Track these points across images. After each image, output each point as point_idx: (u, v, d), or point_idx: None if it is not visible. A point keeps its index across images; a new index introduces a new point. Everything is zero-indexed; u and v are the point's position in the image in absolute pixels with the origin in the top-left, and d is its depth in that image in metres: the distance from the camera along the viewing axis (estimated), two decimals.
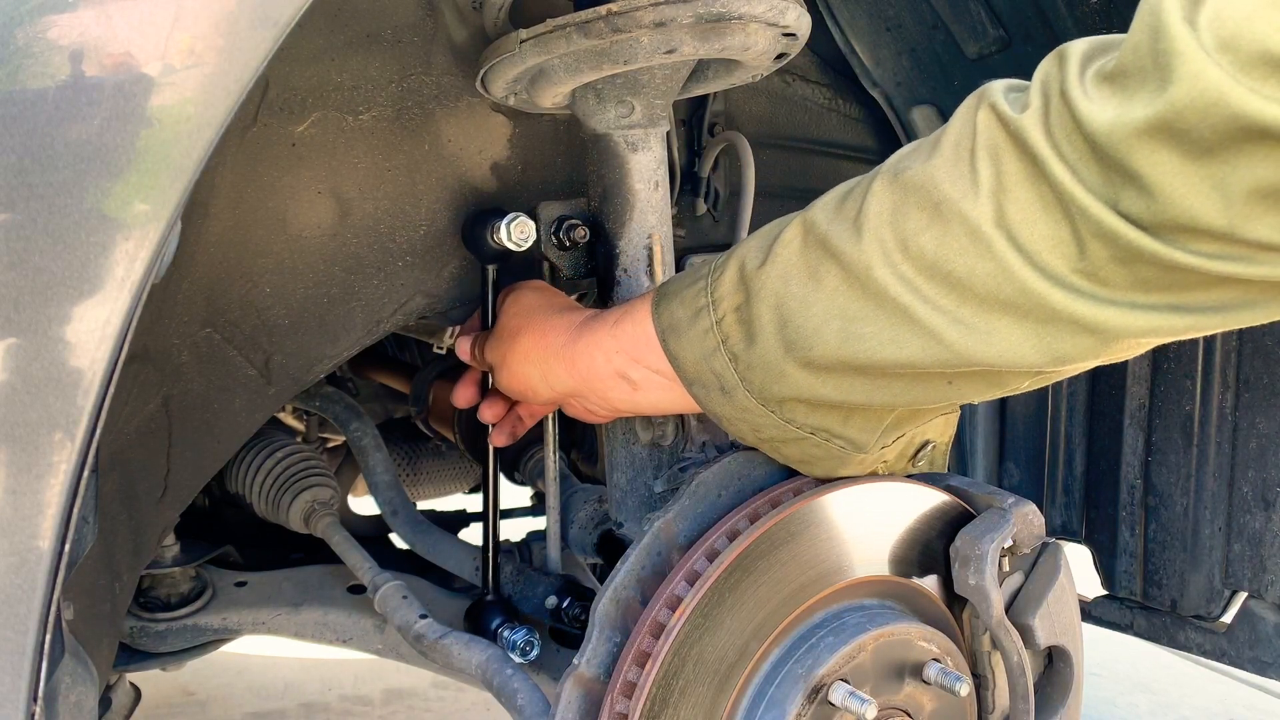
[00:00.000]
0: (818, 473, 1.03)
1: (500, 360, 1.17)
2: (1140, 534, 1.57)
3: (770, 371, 0.92)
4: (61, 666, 0.88)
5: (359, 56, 1.21)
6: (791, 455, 1.01)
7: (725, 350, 0.94)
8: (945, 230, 0.82)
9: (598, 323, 1.06)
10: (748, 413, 0.96)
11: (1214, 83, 0.68)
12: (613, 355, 1.03)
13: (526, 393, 1.15)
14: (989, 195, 0.80)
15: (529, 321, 1.15)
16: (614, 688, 0.96)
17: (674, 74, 1.12)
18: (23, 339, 0.72)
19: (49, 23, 0.71)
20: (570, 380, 1.08)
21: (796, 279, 0.90)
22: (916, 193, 0.84)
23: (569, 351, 1.08)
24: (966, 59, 1.45)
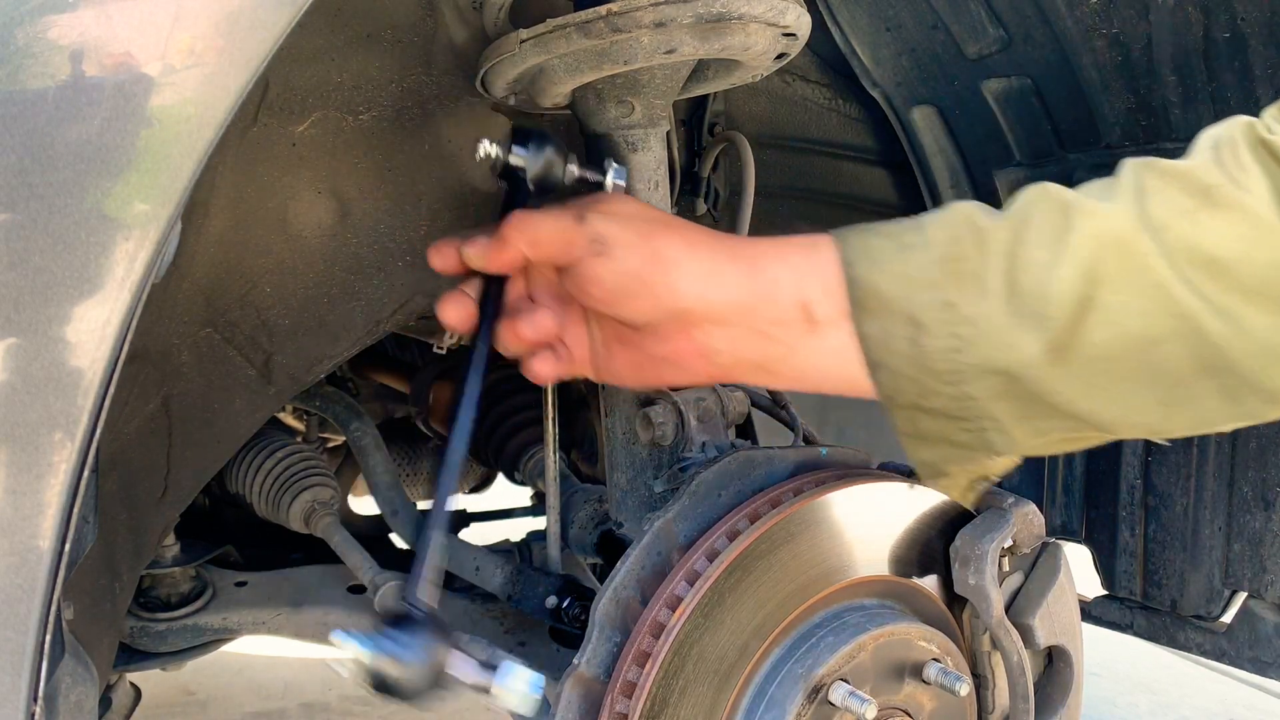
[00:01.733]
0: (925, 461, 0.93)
1: (627, 239, 0.90)
2: (1140, 534, 1.57)
3: (994, 334, 0.83)
4: (61, 666, 0.88)
5: (359, 56, 1.21)
6: (925, 430, 0.90)
7: (938, 293, 0.84)
8: (1215, 214, 0.79)
9: (783, 241, 0.91)
10: (925, 371, 0.86)
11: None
12: (806, 277, 0.88)
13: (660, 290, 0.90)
14: (1267, 189, 0.78)
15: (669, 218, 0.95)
16: (614, 688, 0.96)
17: (674, 74, 1.12)
18: (23, 339, 0.72)
19: (49, 23, 0.71)
20: (740, 291, 0.89)
21: (1038, 238, 0.83)
22: (1181, 178, 0.81)
23: (751, 254, 0.90)
24: (966, 59, 1.45)
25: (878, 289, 0.86)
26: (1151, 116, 1.36)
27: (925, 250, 0.86)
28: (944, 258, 0.85)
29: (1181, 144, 1.34)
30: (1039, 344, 0.83)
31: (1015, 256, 0.84)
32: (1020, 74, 1.44)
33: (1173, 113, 1.33)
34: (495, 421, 1.73)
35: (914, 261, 0.86)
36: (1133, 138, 1.39)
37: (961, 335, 0.84)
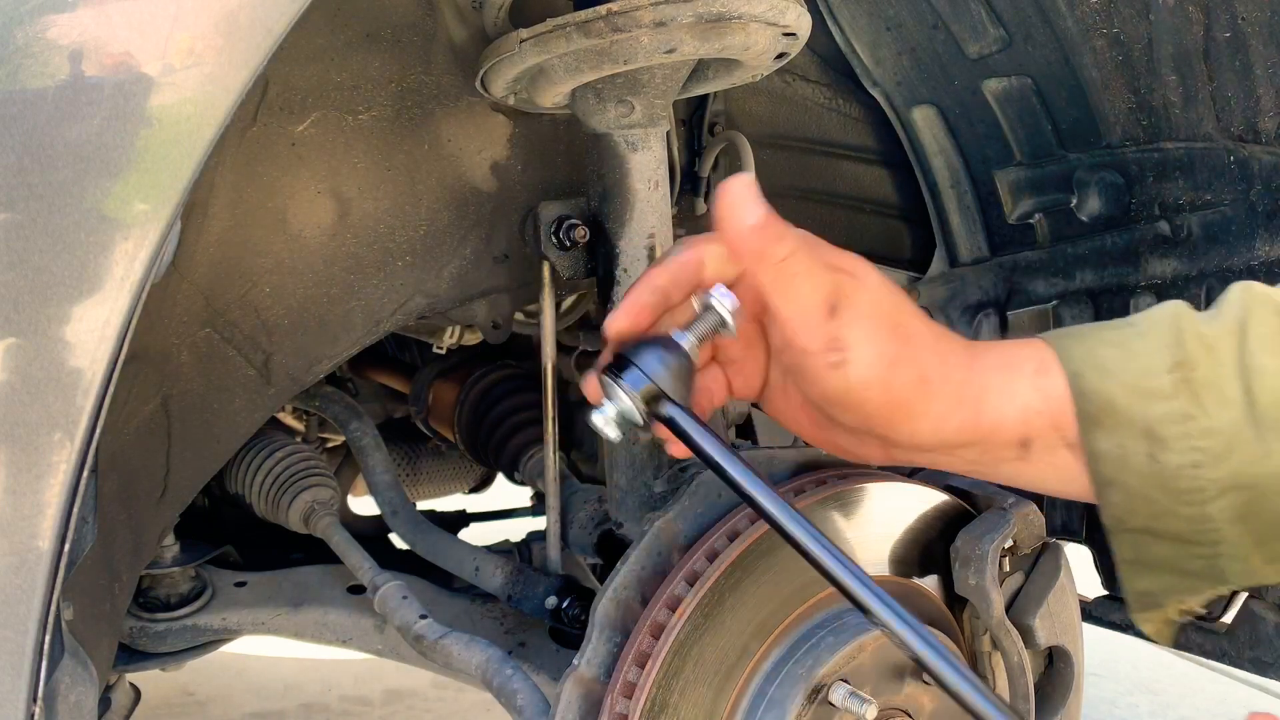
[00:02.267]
0: (1143, 591, 0.85)
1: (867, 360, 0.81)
2: None
3: (1240, 447, 0.78)
4: (61, 667, 0.88)
5: (359, 56, 1.21)
6: (1153, 556, 0.83)
7: (1174, 404, 0.79)
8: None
9: (1010, 362, 0.84)
10: (1164, 490, 0.80)
11: None
12: (1034, 416, 0.82)
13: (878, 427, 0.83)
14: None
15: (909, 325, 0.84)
16: (614, 688, 0.96)
17: (674, 74, 1.12)
18: (23, 339, 0.72)
19: (49, 23, 0.71)
20: (960, 435, 0.83)
21: (1261, 346, 0.78)
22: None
23: (978, 389, 0.83)
24: (967, 59, 1.45)
25: (1112, 402, 0.80)
26: (1152, 116, 1.36)
27: (1153, 358, 0.80)
28: (1175, 365, 0.80)
29: (1182, 144, 1.34)
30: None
31: (1246, 365, 0.79)
32: (1020, 74, 1.44)
33: (1173, 113, 1.33)
34: (495, 421, 1.73)
35: (1146, 370, 0.80)
36: (1133, 138, 1.39)
37: (1203, 449, 0.79)
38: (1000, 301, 1.62)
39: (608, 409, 0.83)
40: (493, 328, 1.38)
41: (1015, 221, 1.56)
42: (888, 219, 1.66)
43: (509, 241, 1.33)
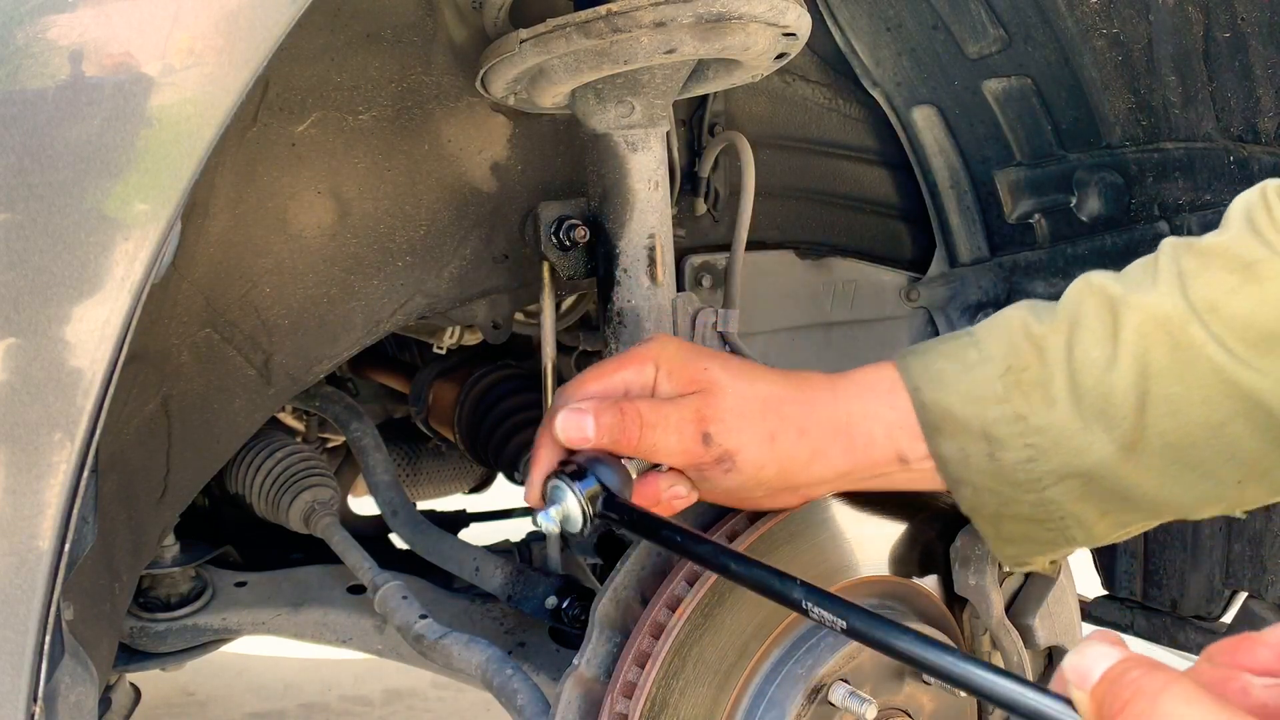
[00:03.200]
0: (1010, 555, 0.95)
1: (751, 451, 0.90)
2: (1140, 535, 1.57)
3: (1066, 441, 0.85)
4: (61, 667, 0.88)
5: (359, 56, 1.21)
6: (1009, 533, 0.92)
7: (1007, 407, 0.86)
8: (1262, 287, 0.80)
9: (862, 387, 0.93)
10: (1006, 483, 0.88)
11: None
12: (896, 430, 0.91)
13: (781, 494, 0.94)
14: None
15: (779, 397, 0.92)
16: (614, 688, 0.96)
17: (674, 74, 1.12)
18: (23, 339, 0.72)
19: (49, 23, 0.71)
20: (845, 463, 0.92)
21: (1092, 338, 0.85)
22: (1220, 256, 0.82)
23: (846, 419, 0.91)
24: (967, 59, 1.45)
25: (949, 411, 0.88)
26: (1152, 116, 1.36)
27: (986, 366, 0.88)
28: (1007, 370, 0.87)
29: (1182, 144, 1.35)
30: (1111, 444, 0.85)
31: (1073, 360, 0.85)
32: (1020, 74, 1.44)
33: (1173, 113, 1.33)
34: (495, 421, 1.73)
35: (978, 378, 0.87)
36: (1133, 138, 1.39)
37: (1035, 445, 0.86)
38: (1000, 302, 1.62)
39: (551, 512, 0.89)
40: (493, 328, 1.38)
41: (1015, 222, 1.56)
42: (888, 219, 1.66)
43: (509, 242, 1.33)
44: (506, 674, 1.15)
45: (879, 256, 1.66)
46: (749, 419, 0.91)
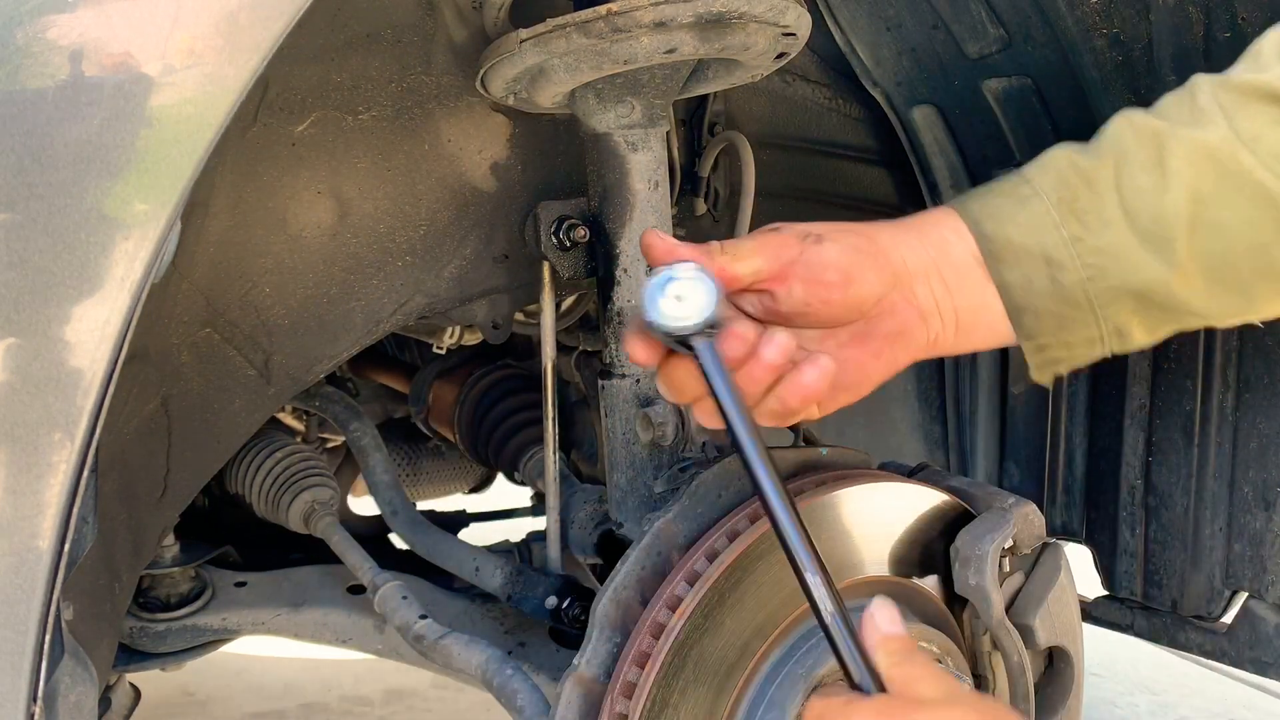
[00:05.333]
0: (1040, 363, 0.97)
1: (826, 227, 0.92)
2: (1141, 534, 1.57)
3: (1124, 258, 0.90)
4: (61, 667, 0.88)
5: (359, 56, 1.21)
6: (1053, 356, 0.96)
7: (1065, 231, 0.91)
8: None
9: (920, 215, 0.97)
10: (1067, 304, 0.93)
11: None
12: (966, 235, 0.94)
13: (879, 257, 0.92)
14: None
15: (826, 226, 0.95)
16: (614, 688, 0.96)
17: (674, 74, 1.12)
18: (23, 339, 0.72)
19: (49, 23, 0.71)
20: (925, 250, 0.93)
21: (1139, 168, 0.90)
22: (1259, 90, 0.87)
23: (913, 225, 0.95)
24: (967, 59, 1.45)
25: (1010, 239, 0.92)
26: None
27: (1039, 199, 0.92)
28: (1059, 201, 0.92)
29: None
30: (1165, 262, 0.90)
31: (1123, 188, 0.90)
32: (1020, 74, 1.44)
33: None
34: (495, 421, 1.73)
35: (1034, 209, 0.92)
36: None
37: (1094, 264, 0.91)
38: None
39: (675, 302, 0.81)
40: (493, 328, 1.38)
41: None
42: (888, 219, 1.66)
43: (509, 241, 1.33)
44: (506, 674, 1.15)
45: None
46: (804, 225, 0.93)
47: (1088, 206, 0.91)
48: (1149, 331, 0.96)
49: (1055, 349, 0.97)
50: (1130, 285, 0.91)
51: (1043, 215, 0.92)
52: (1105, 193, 0.91)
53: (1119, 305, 0.92)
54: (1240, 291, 0.92)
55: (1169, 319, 0.95)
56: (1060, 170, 0.94)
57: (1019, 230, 0.92)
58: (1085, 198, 0.92)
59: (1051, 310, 0.93)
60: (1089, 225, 0.91)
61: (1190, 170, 0.89)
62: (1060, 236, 0.92)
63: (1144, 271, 0.91)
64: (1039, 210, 0.92)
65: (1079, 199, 0.92)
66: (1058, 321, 0.94)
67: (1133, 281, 0.91)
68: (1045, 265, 0.92)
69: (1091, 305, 0.93)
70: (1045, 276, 0.92)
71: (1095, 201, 0.91)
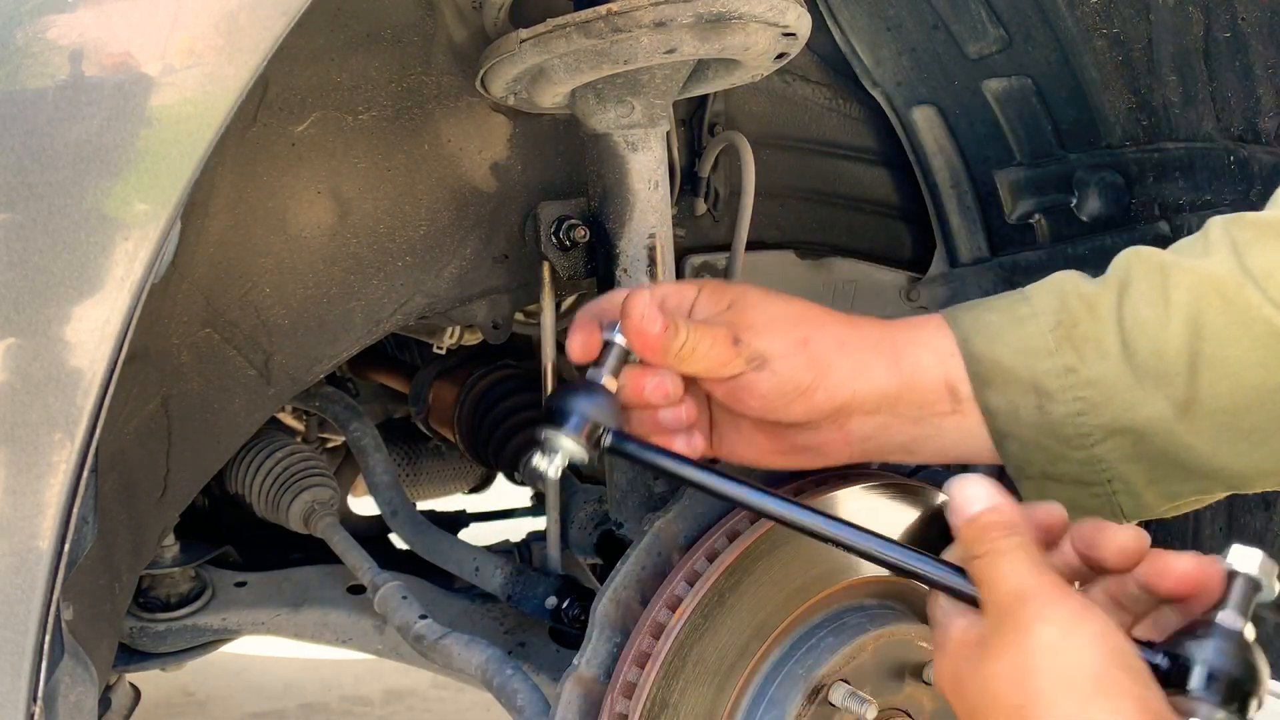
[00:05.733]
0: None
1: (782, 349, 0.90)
2: None
3: (1119, 395, 0.85)
4: (61, 667, 0.88)
5: (359, 56, 1.21)
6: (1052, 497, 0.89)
7: (1058, 360, 0.86)
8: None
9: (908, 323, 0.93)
10: (1054, 438, 0.87)
11: None
12: (947, 358, 0.90)
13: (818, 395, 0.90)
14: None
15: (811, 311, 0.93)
16: (614, 688, 0.96)
17: (674, 74, 1.12)
18: (23, 339, 0.72)
19: (49, 23, 0.71)
20: (889, 380, 0.89)
21: (1142, 299, 0.85)
22: (1272, 227, 0.83)
23: (892, 341, 0.91)
24: (967, 59, 1.45)
25: (999, 362, 0.88)
26: (1152, 116, 1.36)
27: (1036, 320, 0.88)
28: (1057, 324, 0.87)
29: (1182, 144, 1.34)
30: (1165, 401, 0.84)
31: (1124, 318, 0.85)
32: (1021, 74, 1.44)
33: (1173, 113, 1.33)
34: (495, 422, 1.73)
35: (1029, 331, 0.87)
36: (1133, 138, 1.39)
37: (1086, 398, 0.86)
38: None
39: (556, 458, 0.90)
40: (493, 328, 1.38)
41: (1015, 222, 1.56)
42: (888, 219, 1.66)
43: (509, 242, 1.33)
44: (506, 674, 1.15)
45: (879, 256, 1.65)
46: (782, 326, 0.90)
47: (1087, 335, 0.86)
48: (1164, 494, 0.88)
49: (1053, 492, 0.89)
50: (1124, 423, 0.86)
51: (1038, 339, 0.87)
52: (1106, 321, 0.86)
53: (1113, 445, 0.86)
54: (1258, 443, 0.85)
55: (1182, 476, 0.87)
56: (1064, 294, 0.89)
57: (1009, 353, 0.88)
58: (1086, 324, 0.86)
59: (1039, 443, 0.88)
60: (1085, 356, 0.86)
61: (1194, 303, 0.84)
62: (1053, 365, 0.86)
63: (1140, 410, 0.85)
64: (1034, 333, 0.87)
65: (1079, 325, 0.87)
66: (1046, 455, 0.88)
67: (1126, 420, 0.85)
68: (1034, 394, 0.87)
69: (1082, 441, 0.87)
70: (1033, 406, 0.87)
71: (1095, 329, 0.86)
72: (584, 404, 0.88)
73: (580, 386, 0.90)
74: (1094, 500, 0.89)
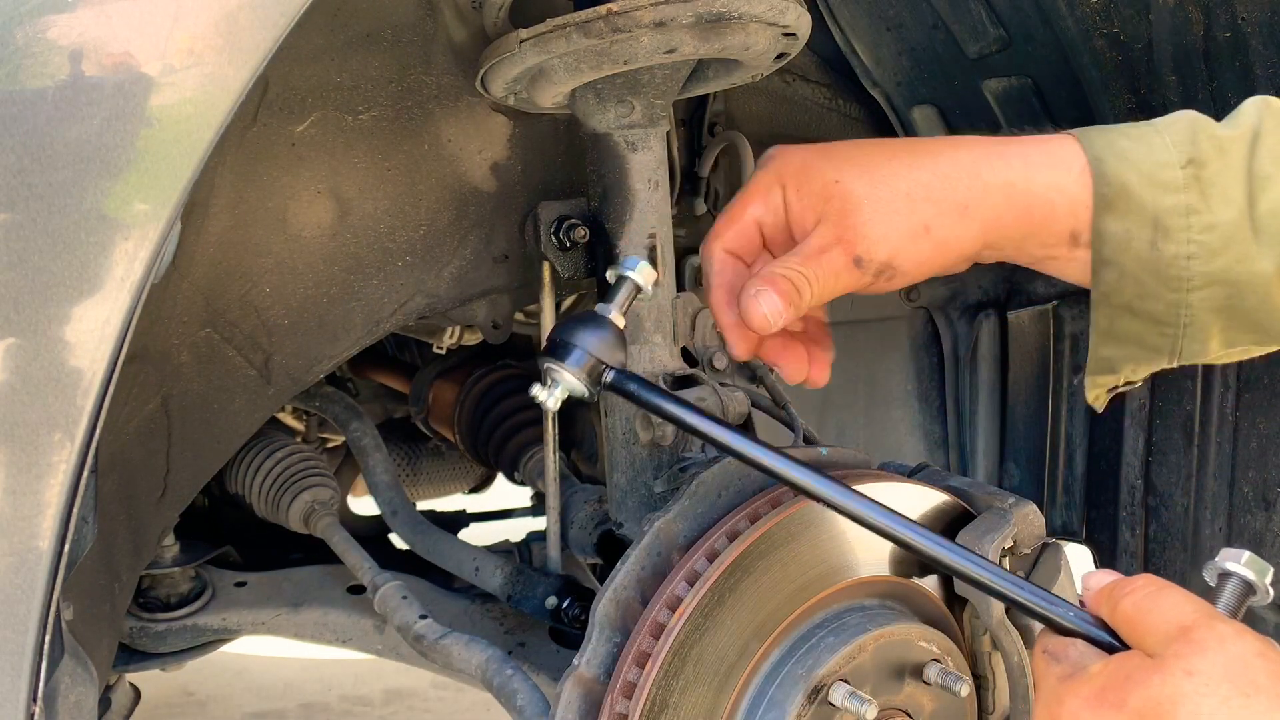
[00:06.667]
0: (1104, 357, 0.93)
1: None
2: (1141, 534, 1.57)
3: (1235, 246, 0.84)
4: (61, 667, 0.88)
5: (359, 56, 1.21)
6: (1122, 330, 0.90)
7: (1183, 197, 0.85)
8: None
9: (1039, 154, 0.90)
10: (1156, 275, 0.86)
11: None
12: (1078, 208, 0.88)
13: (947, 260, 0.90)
14: None
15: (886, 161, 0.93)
16: (614, 688, 0.96)
17: (674, 74, 1.12)
18: (23, 339, 0.72)
19: (49, 23, 0.71)
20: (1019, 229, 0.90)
21: (1268, 152, 0.84)
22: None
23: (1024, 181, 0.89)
24: (967, 59, 1.45)
25: (1127, 187, 0.86)
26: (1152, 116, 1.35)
27: (1169, 152, 0.86)
28: (1189, 161, 0.85)
29: None
30: (1273, 261, 0.84)
31: (1253, 170, 0.84)
32: (1020, 74, 1.44)
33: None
34: (495, 422, 1.73)
35: (1161, 161, 0.86)
36: None
37: (1201, 242, 0.85)
38: (1000, 301, 1.62)
39: (556, 390, 0.89)
40: (493, 328, 1.38)
41: None
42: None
43: (509, 242, 1.33)
44: (506, 674, 1.15)
45: None
46: (895, 220, 0.88)
47: (1214, 178, 0.85)
48: (1227, 342, 0.88)
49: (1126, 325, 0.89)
50: (1230, 275, 0.85)
51: (1169, 172, 0.85)
52: (1236, 168, 0.85)
53: (1208, 294, 0.86)
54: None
55: (1253, 331, 0.87)
56: (1196, 131, 0.87)
57: (1138, 180, 0.85)
58: (1215, 165, 0.85)
59: (1137, 276, 0.87)
60: (1210, 200, 0.84)
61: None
62: (1177, 202, 0.85)
63: (1250, 264, 0.84)
64: (1166, 163, 0.85)
65: (1208, 165, 0.85)
66: (1139, 290, 0.87)
67: (1234, 272, 0.84)
68: (1151, 228, 0.85)
69: (1181, 285, 0.86)
70: (1146, 239, 0.86)
71: (1224, 175, 0.85)
72: (589, 338, 0.87)
73: (587, 319, 0.88)
74: (1161, 339, 0.89)
